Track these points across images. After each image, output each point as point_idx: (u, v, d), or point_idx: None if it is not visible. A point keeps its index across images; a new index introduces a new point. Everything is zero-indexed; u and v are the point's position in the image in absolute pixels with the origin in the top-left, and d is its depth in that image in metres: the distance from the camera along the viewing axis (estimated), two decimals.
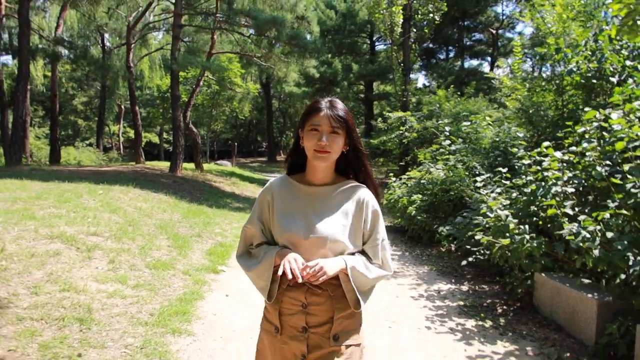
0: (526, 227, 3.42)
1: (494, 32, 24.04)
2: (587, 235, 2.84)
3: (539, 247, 3.30)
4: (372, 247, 1.38)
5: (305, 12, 12.99)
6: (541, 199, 3.42)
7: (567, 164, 3.48)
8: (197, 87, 14.84)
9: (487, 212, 3.74)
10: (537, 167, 3.65)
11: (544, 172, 3.53)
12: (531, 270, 3.61)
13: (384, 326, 3.36)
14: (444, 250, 6.18)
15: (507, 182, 4.20)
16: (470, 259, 4.37)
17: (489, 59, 25.06)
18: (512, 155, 4.91)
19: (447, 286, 4.50)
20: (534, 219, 3.71)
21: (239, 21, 12.41)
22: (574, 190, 3.33)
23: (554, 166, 3.42)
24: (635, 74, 3.83)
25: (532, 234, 3.44)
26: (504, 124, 6.11)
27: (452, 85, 13.91)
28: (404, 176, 7.64)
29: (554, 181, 3.37)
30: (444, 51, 26.17)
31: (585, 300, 3.10)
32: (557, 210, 3.13)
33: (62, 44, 13.41)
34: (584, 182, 3.32)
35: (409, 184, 7.20)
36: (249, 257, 1.45)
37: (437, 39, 22.77)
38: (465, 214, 4.56)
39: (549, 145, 3.54)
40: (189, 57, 12.21)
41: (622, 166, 2.95)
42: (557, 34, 4.86)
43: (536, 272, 3.68)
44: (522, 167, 3.99)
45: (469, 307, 3.85)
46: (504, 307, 3.87)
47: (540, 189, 3.49)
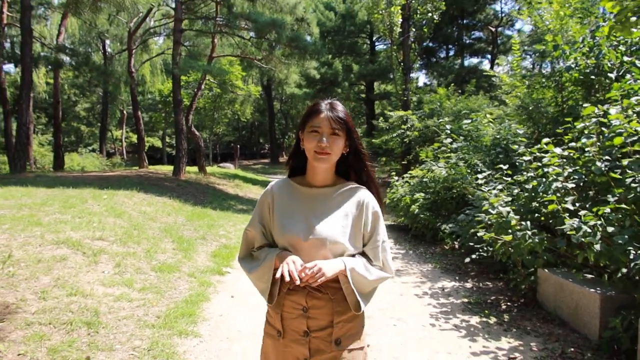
0: (528, 223, 3.43)
1: (494, 29, 23.99)
2: (588, 230, 2.86)
3: (540, 242, 3.31)
4: (373, 249, 1.37)
5: (304, 14, 13.00)
6: (542, 194, 3.43)
7: (567, 160, 3.50)
8: (199, 91, 14.90)
9: (489, 209, 3.75)
10: (537, 163, 3.66)
11: (544, 168, 3.54)
12: (534, 266, 3.62)
13: (389, 324, 3.38)
14: (447, 247, 6.19)
15: (508, 178, 4.21)
16: (473, 256, 4.38)
17: (489, 57, 25.01)
18: (513, 152, 4.93)
19: (451, 283, 4.51)
20: (536, 215, 3.72)
21: (239, 24, 12.46)
22: (575, 185, 3.35)
23: (554, 162, 3.43)
24: (633, 70, 3.83)
25: (534, 229, 3.45)
26: (505, 121, 6.12)
27: (453, 83, 13.94)
28: (406, 175, 7.65)
29: (555, 177, 3.38)
30: (444, 50, 26.11)
31: (588, 295, 3.11)
32: (558, 205, 3.14)
33: (64, 51, 13.49)
34: (584, 177, 3.32)
35: (411, 182, 7.21)
36: (251, 259, 1.44)
37: (437, 38, 22.73)
38: (467, 211, 4.57)
39: (548, 141, 3.56)
40: (190, 61, 12.29)
41: (621, 161, 2.96)
42: (554, 31, 4.87)
43: (539, 267, 3.68)
44: (522, 163, 4.01)
45: (473, 304, 3.86)
46: (508, 303, 3.88)
47: (541, 185, 3.50)
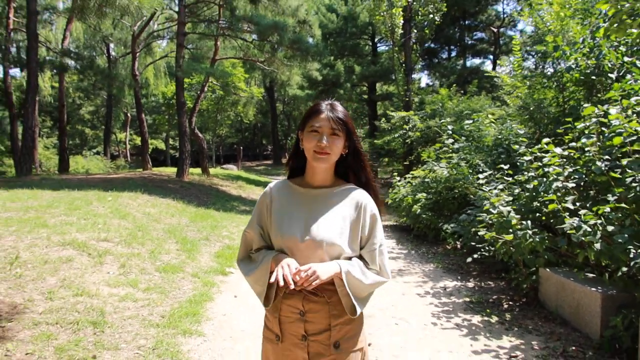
0: (528, 222, 3.44)
1: (496, 30, 23.97)
2: (588, 229, 2.87)
3: (541, 242, 3.33)
4: (370, 252, 1.34)
5: (306, 16, 13.08)
6: (543, 194, 3.45)
7: (568, 160, 3.51)
8: (202, 93, 14.98)
9: (490, 209, 3.77)
10: (538, 163, 3.68)
11: (545, 168, 3.56)
12: (535, 265, 3.63)
13: (391, 323, 3.41)
14: (449, 247, 6.20)
15: (509, 178, 4.23)
16: (475, 256, 4.39)
17: (491, 57, 24.99)
18: (515, 152, 4.94)
19: (453, 283, 4.53)
20: (537, 214, 3.74)
21: (241, 27, 12.54)
22: (575, 185, 3.36)
23: (554, 162, 3.45)
24: (634, 70, 3.83)
25: (535, 229, 3.46)
26: (507, 121, 6.13)
27: (455, 84, 13.93)
28: (408, 175, 7.67)
29: (555, 177, 3.40)
30: (445, 50, 26.12)
31: (589, 294, 3.12)
32: (558, 205, 3.16)
33: (69, 55, 13.65)
34: (584, 177, 3.34)
35: (413, 182, 7.23)
36: (249, 261, 1.43)
37: (439, 39, 22.74)
38: (469, 211, 4.58)
39: (548, 141, 3.57)
40: (193, 64, 12.37)
41: (621, 160, 2.98)
42: (555, 32, 4.88)
43: (540, 267, 3.70)
44: (523, 163, 4.02)
45: (475, 303, 3.88)
46: (510, 302, 3.89)
47: (541, 185, 3.52)
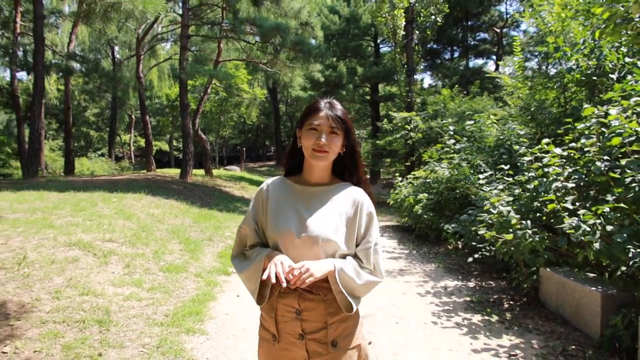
0: (528, 222, 3.46)
1: (499, 31, 23.93)
2: (587, 228, 2.89)
3: (541, 241, 3.35)
4: (365, 250, 1.33)
5: (308, 18, 13.15)
6: (543, 194, 3.46)
7: (568, 160, 3.53)
8: (205, 95, 15.10)
9: (490, 209, 3.79)
10: (538, 163, 3.70)
11: (545, 168, 3.58)
12: (535, 264, 3.65)
13: (391, 322, 3.43)
14: (450, 247, 6.21)
15: (510, 179, 4.25)
16: (476, 256, 4.41)
17: (494, 58, 24.95)
18: (516, 152, 4.95)
19: (453, 283, 4.55)
20: (537, 214, 3.75)
21: (244, 29, 12.62)
22: (575, 185, 3.38)
23: (553, 162, 3.47)
24: (635, 70, 3.84)
25: (535, 229, 3.48)
26: (509, 122, 6.14)
27: (457, 84, 13.95)
28: (410, 176, 7.70)
29: (555, 177, 3.42)
30: (448, 51, 26.12)
31: (589, 293, 3.14)
32: (557, 205, 3.18)
33: (75, 58, 13.79)
34: (584, 177, 3.35)
35: (415, 183, 7.26)
36: (243, 258, 1.41)
37: (441, 40, 22.75)
38: (470, 211, 4.60)
39: (548, 142, 3.59)
40: (196, 66, 12.46)
41: (620, 161, 2.99)
42: (556, 32, 4.90)
43: (540, 266, 3.71)
44: (524, 164, 4.04)
45: (476, 302, 3.90)
46: (511, 302, 3.91)
47: (542, 185, 3.54)
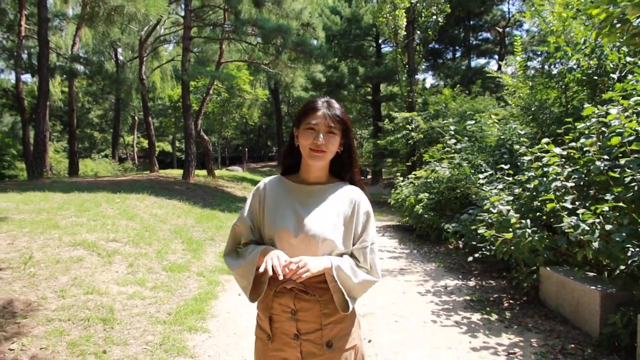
0: (528, 221, 3.48)
1: (501, 30, 23.89)
2: (587, 228, 2.91)
3: (540, 240, 3.36)
4: (361, 249, 1.33)
5: (310, 18, 13.18)
6: (543, 194, 3.48)
7: (568, 160, 3.54)
8: (207, 96, 15.18)
9: (490, 208, 3.81)
10: (538, 163, 3.71)
11: (544, 167, 3.59)
12: (534, 263, 3.66)
13: (391, 321, 3.46)
14: (451, 247, 6.23)
15: (510, 178, 4.26)
16: (476, 255, 4.42)
17: (497, 57, 24.91)
18: (517, 152, 4.96)
19: (454, 282, 4.57)
20: (538, 214, 3.77)
21: (246, 30, 12.69)
22: (574, 184, 3.39)
23: (553, 161, 3.49)
24: (635, 70, 3.85)
25: (534, 228, 3.49)
26: (510, 122, 6.15)
27: (459, 84, 13.94)
28: (410, 175, 7.72)
29: (554, 176, 3.43)
30: (450, 51, 26.09)
31: (589, 292, 3.15)
32: (557, 204, 3.20)
33: (79, 60, 13.87)
34: (584, 176, 3.37)
35: (415, 183, 7.28)
36: (236, 256, 1.40)
37: (443, 39, 22.73)
38: (470, 210, 4.62)
39: (548, 141, 3.60)
40: (198, 68, 12.54)
41: (619, 160, 3.01)
42: (557, 32, 4.91)
43: (540, 265, 3.72)
44: (524, 163, 4.05)
45: (475, 301, 3.92)
46: (511, 301, 3.93)
47: (542, 185, 3.55)
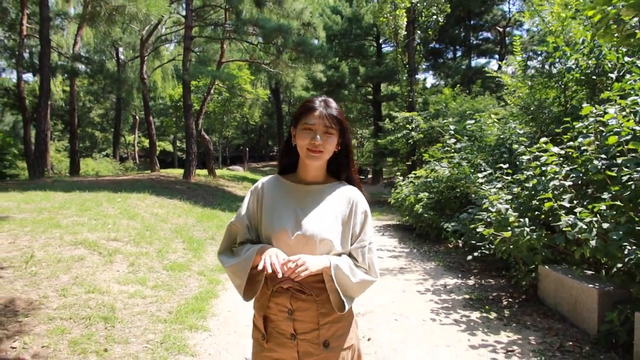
0: (526, 220, 3.50)
1: (501, 30, 23.87)
2: (584, 226, 2.93)
3: (539, 239, 3.38)
4: (359, 249, 1.33)
5: (311, 18, 13.19)
6: (542, 193, 3.50)
7: (566, 159, 3.56)
8: (208, 95, 15.21)
9: (488, 207, 3.83)
10: (537, 162, 3.73)
11: (543, 167, 3.61)
12: (533, 262, 3.68)
13: (391, 319, 3.48)
14: (451, 246, 6.25)
15: (508, 177, 4.28)
16: (476, 254, 4.44)
17: (497, 57, 24.89)
18: (516, 151, 4.97)
19: (453, 281, 4.59)
20: (536, 212, 3.78)
21: (247, 30, 12.70)
22: (572, 183, 3.41)
23: (551, 161, 3.50)
24: (634, 70, 3.86)
25: (533, 226, 3.51)
26: (509, 121, 6.16)
27: (459, 84, 13.95)
28: (410, 175, 7.74)
29: (553, 175, 3.45)
30: (451, 51, 26.09)
31: (586, 290, 3.17)
32: (554, 203, 3.21)
33: (80, 60, 13.89)
34: (582, 175, 3.39)
35: (415, 182, 7.29)
36: (231, 254, 1.39)
37: (444, 39, 22.73)
38: (470, 210, 4.64)
39: (546, 140, 3.62)
40: (199, 67, 12.55)
41: (617, 159, 3.03)
42: (556, 32, 4.92)
43: (538, 264, 3.75)
44: (523, 162, 4.07)
45: (475, 300, 3.94)
46: (509, 299, 3.95)
47: (540, 184, 3.57)
